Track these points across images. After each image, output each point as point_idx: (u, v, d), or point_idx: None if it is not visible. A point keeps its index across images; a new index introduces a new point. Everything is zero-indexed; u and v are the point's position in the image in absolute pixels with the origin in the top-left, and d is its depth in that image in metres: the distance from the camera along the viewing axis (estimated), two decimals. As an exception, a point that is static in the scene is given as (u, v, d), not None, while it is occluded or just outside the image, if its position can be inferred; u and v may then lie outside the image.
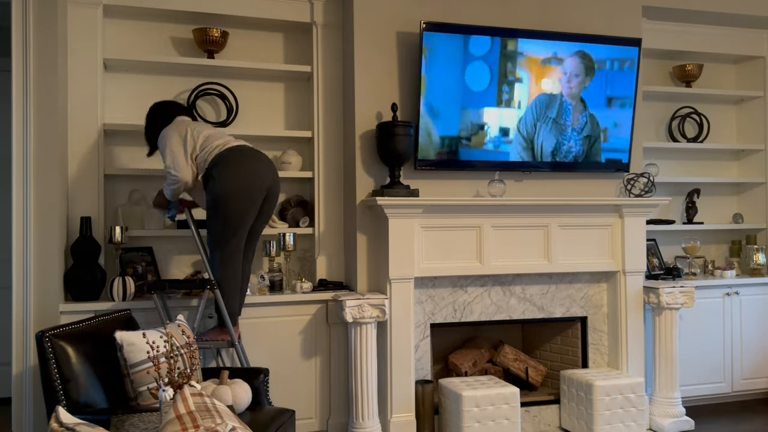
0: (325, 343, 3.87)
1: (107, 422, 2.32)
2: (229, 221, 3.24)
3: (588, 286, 4.21)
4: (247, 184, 3.24)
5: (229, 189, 3.21)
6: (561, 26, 4.16)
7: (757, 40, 5.08)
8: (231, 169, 3.24)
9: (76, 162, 3.74)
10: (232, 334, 3.34)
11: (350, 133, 3.98)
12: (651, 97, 4.94)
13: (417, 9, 3.95)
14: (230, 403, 2.78)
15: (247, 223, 3.32)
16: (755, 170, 5.18)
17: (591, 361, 4.22)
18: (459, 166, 3.93)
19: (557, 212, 4.06)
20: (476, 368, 4.23)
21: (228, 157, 3.26)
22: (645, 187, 4.24)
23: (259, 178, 3.28)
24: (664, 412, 4.09)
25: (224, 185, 3.21)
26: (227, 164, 3.24)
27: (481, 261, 3.93)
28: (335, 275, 4.09)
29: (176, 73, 4.00)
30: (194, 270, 4.01)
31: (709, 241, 5.17)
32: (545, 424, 4.11)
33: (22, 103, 3.38)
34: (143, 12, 3.95)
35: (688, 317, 4.49)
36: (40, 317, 3.37)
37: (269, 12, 4.06)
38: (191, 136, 3.34)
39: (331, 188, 4.12)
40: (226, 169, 3.23)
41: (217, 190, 3.22)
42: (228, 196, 3.21)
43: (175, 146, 3.32)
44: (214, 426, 1.49)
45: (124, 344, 2.66)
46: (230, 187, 3.21)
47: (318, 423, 3.86)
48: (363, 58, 3.89)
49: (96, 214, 3.74)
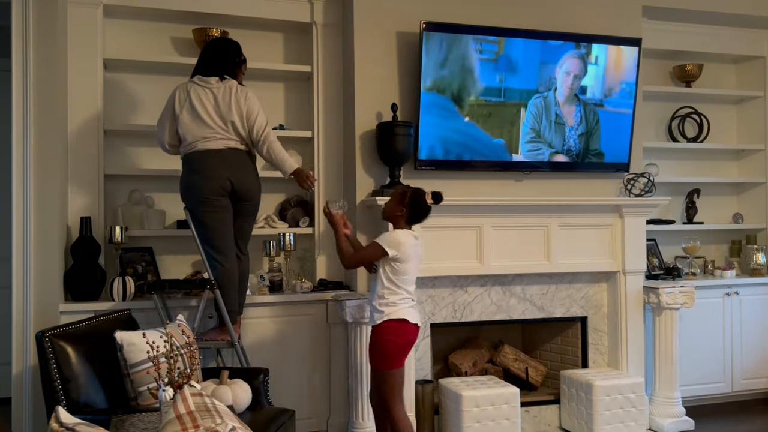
0: (325, 343, 3.87)
1: (107, 422, 2.32)
2: (202, 222, 3.34)
3: (588, 286, 4.21)
4: (199, 185, 3.30)
5: (186, 192, 3.37)
6: (561, 26, 4.16)
7: (757, 40, 5.07)
8: (186, 171, 3.37)
9: (76, 162, 3.74)
10: (232, 334, 3.34)
11: (350, 133, 3.97)
12: (651, 97, 4.94)
13: (417, 9, 3.95)
14: (230, 403, 2.78)
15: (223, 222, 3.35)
16: (755, 170, 5.17)
17: (591, 361, 4.22)
18: (459, 166, 3.93)
19: (557, 212, 4.06)
20: (476, 368, 4.23)
21: (186, 160, 3.38)
22: (645, 187, 4.24)
23: (213, 178, 3.29)
24: (664, 412, 4.09)
25: (182, 188, 3.38)
26: (185, 167, 3.39)
27: (481, 261, 3.93)
28: (335, 275, 4.09)
29: (176, 73, 3.99)
30: (194, 270, 4.01)
31: (709, 241, 5.17)
32: (545, 424, 4.11)
33: (22, 103, 3.38)
34: (143, 12, 3.95)
35: (688, 317, 4.49)
36: (40, 317, 3.37)
37: (269, 12, 4.06)
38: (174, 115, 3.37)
39: (331, 188, 4.11)
40: (184, 171, 3.39)
41: (181, 193, 3.40)
42: (187, 198, 3.38)
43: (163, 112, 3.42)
44: (214, 426, 1.49)
45: (124, 344, 2.66)
46: (186, 190, 3.36)
47: (318, 423, 3.86)
48: (363, 58, 3.89)
49: (96, 214, 3.74)
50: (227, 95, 3.35)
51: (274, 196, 4.21)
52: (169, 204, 4.03)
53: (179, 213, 4.00)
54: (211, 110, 3.32)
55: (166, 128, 3.39)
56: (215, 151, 3.31)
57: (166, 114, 3.40)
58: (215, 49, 3.47)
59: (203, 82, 3.37)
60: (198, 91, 3.34)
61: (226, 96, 3.35)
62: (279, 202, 4.25)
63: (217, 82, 3.37)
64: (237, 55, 3.48)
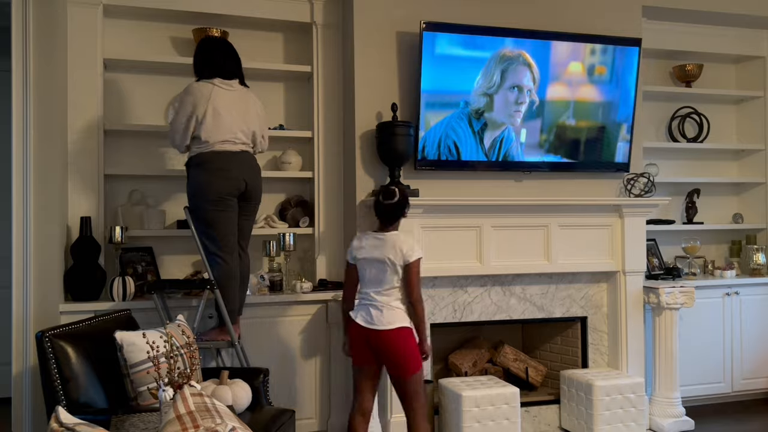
0: (325, 343, 3.87)
1: (107, 422, 2.32)
2: (209, 221, 3.33)
3: (588, 286, 4.21)
4: (213, 184, 3.30)
5: (196, 191, 3.32)
6: (561, 26, 4.16)
7: (757, 40, 5.07)
8: (199, 170, 3.33)
9: (76, 162, 3.74)
10: (232, 334, 3.34)
11: (350, 133, 3.97)
12: (651, 97, 4.94)
13: (417, 9, 3.95)
14: (230, 403, 2.78)
15: (230, 222, 3.36)
16: (755, 170, 5.17)
17: (591, 361, 4.22)
18: (459, 166, 3.93)
19: (557, 212, 4.06)
20: (476, 368, 4.23)
21: (198, 160, 3.34)
22: (645, 187, 4.24)
23: (226, 178, 3.32)
24: (664, 412, 4.09)
25: (193, 187, 3.34)
26: (197, 166, 3.34)
27: (481, 261, 3.93)
28: (335, 275, 4.09)
29: (176, 73, 4.00)
30: (194, 270, 4.01)
31: (709, 241, 5.17)
32: (545, 424, 4.11)
33: (22, 103, 3.38)
34: (143, 12, 3.95)
35: (688, 317, 4.49)
36: (40, 317, 3.37)
37: (269, 12, 4.06)
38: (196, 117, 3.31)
39: (331, 188, 4.12)
40: (196, 169, 3.34)
41: (189, 191, 3.36)
42: (197, 197, 3.33)
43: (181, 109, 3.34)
44: (214, 426, 1.49)
45: (124, 344, 2.66)
46: (197, 188, 3.33)
47: (318, 423, 3.86)
48: (363, 58, 3.89)
49: (96, 214, 3.74)
50: (251, 104, 3.46)
51: (274, 196, 4.21)
52: (169, 204, 4.04)
53: (179, 213, 4.01)
54: (235, 115, 3.36)
55: (188, 129, 3.32)
56: (233, 153, 3.35)
57: (184, 113, 3.32)
58: (228, 52, 3.47)
59: (226, 86, 3.38)
60: (222, 94, 3.35)
61: (248, 104, 3.45)
62: (279, 202, 4.25)
63: (239, 86, 3.45)
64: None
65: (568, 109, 4.06)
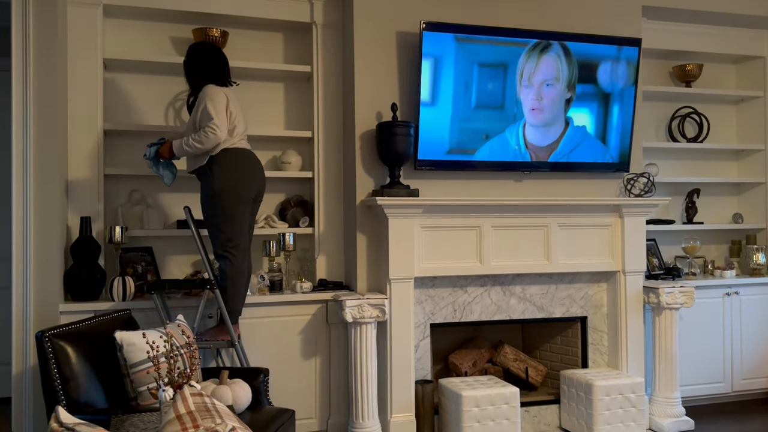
0: (325, 343, 3.87)
1: (107, 422, 2.32)
2: (231, 218, 3.34)
3: (588, 286, 4.21)
4: (243, 183, 3.37)
5: (228, 187, 3.32)
6: (561, 26, 4.16)
7: (757, 40, 5.07)
8: (230, 166, 3.34)
9: (76, 162, 3.74)
10: (232, 334, 3.35)
11: (350, 133, 3.98)
12: (651, 97, 4.94)
13: (417, 9, 3.95)
14: (230, 403, 2.78)
15: (246, 220, 3.42)
16: (755, 170, 5.18)
17: (591, 361, 4.22)
18: (458, 166, 3.93)
19: (557, 212, 4.06)
20: (476, 368, 4.23)
21: (227, 156, 3.35)
22: (645, 187, 4.24)
23: (254, 179, 3.44)
24: (664, 412, 4.09)
25: (223, 183, 3.32)
26: (227, 162, 3.34)
27: (481, 261, 3.93)
28: (335, 275, 4.09)
29: (176, 73, 4.00)
30: (194, 270, 4.01)
31: (709, 241, 5.17)
32: (545, 424, 4.11)
33: (22, 103, 3.38)
34: (143, 12, 3.95)
35: (688, 317, 4.49)
36: (40, 317, 3.37)
37: (269, 12, 4.06)
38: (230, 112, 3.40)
39: (330, 188, 4.12)
40: (226, 165, 3.34)
41: (216, 187, 3.32)
42: (227, 193, 3.32)
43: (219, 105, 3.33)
44: (214, 426, 1.49)
45: (124, 344, 2.66)
46: (229, 185, 3.32)
47: (318, 423, 3.86)
48: (363, 59, 3.89)
49: (96, 214, 3.74)
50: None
51: (274, 196, 4.21)
52: (169, 204, 4.04)
53: (179, 213, 4.01)
54: (242, 115, 3.52)
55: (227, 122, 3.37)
56: (250, 152, 3.48)
57: (222, 107, 3.34)
58: (223, 58, 3.53)
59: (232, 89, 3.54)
60: (230, 94, 3.46)
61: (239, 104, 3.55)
62: (279, 202, 4.25)
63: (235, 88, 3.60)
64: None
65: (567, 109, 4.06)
